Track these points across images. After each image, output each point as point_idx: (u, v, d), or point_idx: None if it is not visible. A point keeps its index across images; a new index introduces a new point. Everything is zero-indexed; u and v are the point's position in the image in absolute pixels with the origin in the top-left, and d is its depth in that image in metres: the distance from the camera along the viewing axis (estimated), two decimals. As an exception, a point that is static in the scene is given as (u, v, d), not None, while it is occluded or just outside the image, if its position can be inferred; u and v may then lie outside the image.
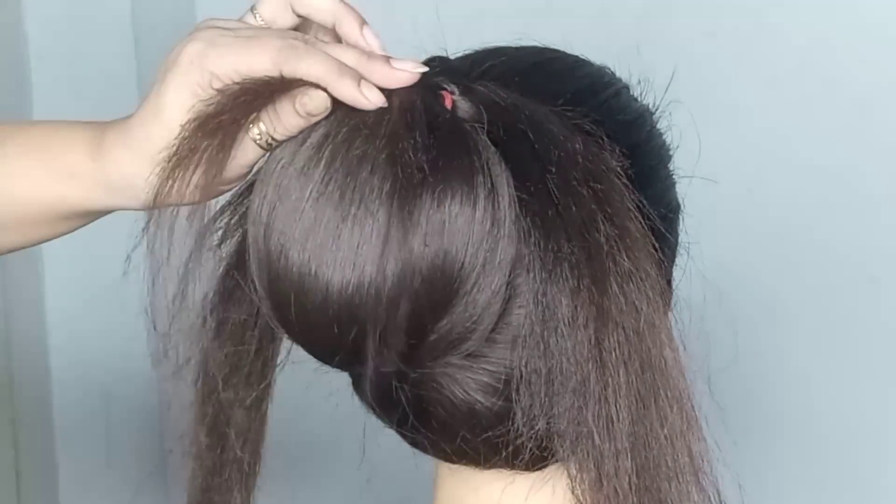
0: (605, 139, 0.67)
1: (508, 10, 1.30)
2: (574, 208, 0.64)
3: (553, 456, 0.67)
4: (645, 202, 0.67)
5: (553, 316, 0.63)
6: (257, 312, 0.71)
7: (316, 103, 0.66)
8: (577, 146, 0.66)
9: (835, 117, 1.32)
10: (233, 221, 0.72)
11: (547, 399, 0.64)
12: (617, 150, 0.67)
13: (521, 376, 0.65)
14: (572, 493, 0.66)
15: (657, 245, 0.67)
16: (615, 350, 0.64)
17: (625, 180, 0.66)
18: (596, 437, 0.64)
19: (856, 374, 1.38)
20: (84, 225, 0.77)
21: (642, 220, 0.66)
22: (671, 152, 0.75)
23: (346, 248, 0.64)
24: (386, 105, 0.66)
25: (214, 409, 0.73)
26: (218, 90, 0.67)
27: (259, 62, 0.67)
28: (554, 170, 0.64)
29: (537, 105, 0.67)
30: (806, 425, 1.41)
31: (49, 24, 1.44)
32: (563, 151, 0.65)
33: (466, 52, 0.73)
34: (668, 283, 0.73)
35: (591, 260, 0.63)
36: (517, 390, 0.65)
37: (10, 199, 0.75)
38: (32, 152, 0.74)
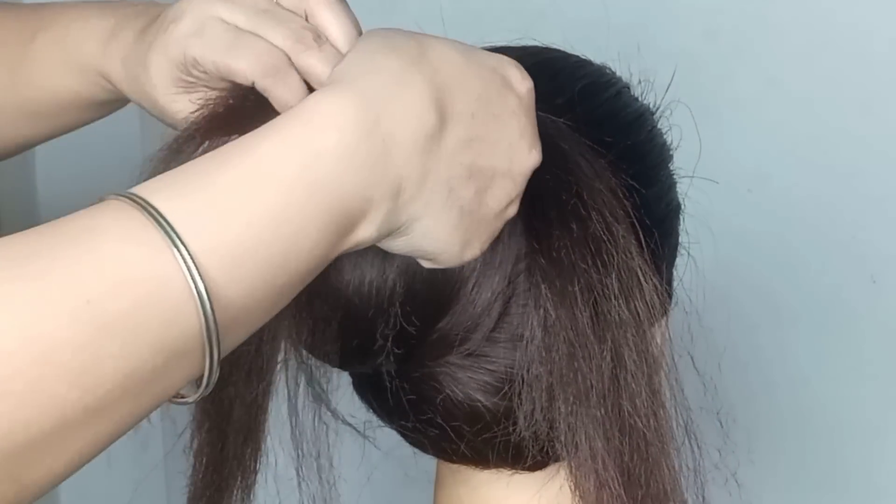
0: (602, 143, 0.67)
1: (509, 10, 1.30)
2: (575, 211, 0.64)
3: (553, 456, 0.67)
4: (642, 205, 0.67)
5: (554, 321, 0.63)
6: None
7: None
8: (578, 149, 0.66)
9: (835, 117, 1.32)
10: None
11: (548, 404, 0.64)
12: (611, 156, 0.67)
13: (523, 381, 0.65)
14: (572, 493, 0.66)
15: (657, 247, 0.67)
16: (615, 356, 0.64)
17: (622, 184, 0.66)
18: (596, 442, 0.64)
19: (855, 374, 1.38)
20: (119, 108, 0.78)
21: (639, 227, 0.66)
22: (671, 152, 0.75)
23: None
24: None
25: (215, 406, 0.74)
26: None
27: (239, 71, 0.63)
28: (556, 171, 0.64)
29: (537, 110, 0.67)
30: (805, 425, 1.41)
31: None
32: (564, 154, 0.65)
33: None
34: (669, 283, 0.73)
35: (593, 262, 0.63)
36: (519, 394, 0.65)
37: (41, 90, 0.76)
38: (53, 47, 0.75)
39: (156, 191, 0.50)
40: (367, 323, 0.65)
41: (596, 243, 0.63)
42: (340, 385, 0.74)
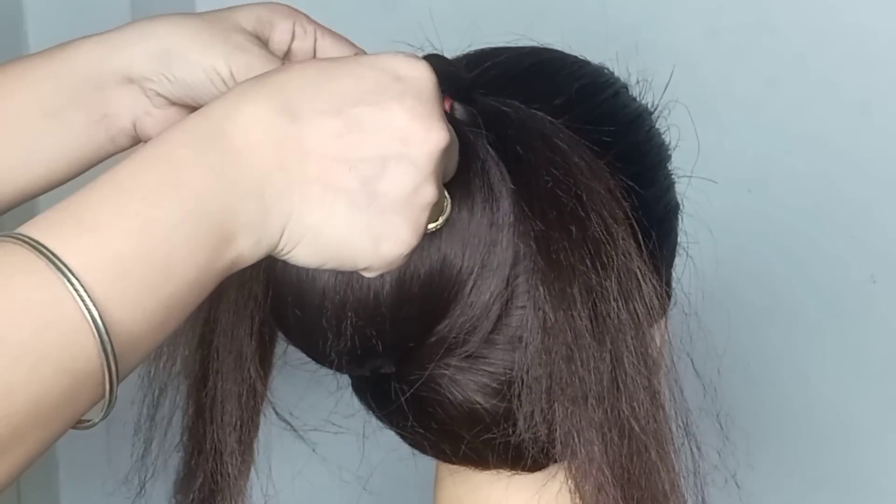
0: (600, 143, 0.67)
1: (508, 10, 1.30)
2: (574, 212, 0.64)
3: (553, 457, 0.67)
4: (641, 206, 0.67)
5: (553, 323, 0.63)
6: (256, 314, 0.71)
7: None
8: (577, 150, 0.66)
9: (835, 117, 1.32)
10: None
11: (547, 406, 0.64)
12: (610, 156, 0.67)
13: (523, 383, 0.65)
14: (571, 493, 0.66)
15: (655, 249, 0.67)
16: (614, 358, 0.64)
17: (620, 185, 0.66)
18: (595, 444, 0.64)
19: (855, 374, 1.38)
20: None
21: (638, 227, 0.66)
22: (670, 152, 0.75)
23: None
24: None
25: (210, 404, 0.74)
26: None
27: None
28: (555, 173, 0.64)
29: (535, 111, 0.67)
30: (805, 426, 1.41)
31: (49, 24, 1.44)
32: (563, 155, 0.65)
33: (466, 52, 0.73)
34: (667, 284, 0.73)
35: (592, 263, 0.63)
36: (518, 396, 0.65)
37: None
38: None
39: (33, 225, 0.53)
40: (366, 326, 0.64)
41: (595, 244, 0.63)
42: (340, 387, 0.74)
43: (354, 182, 0.57)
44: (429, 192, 0.58)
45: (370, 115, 0.57)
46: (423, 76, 0.59)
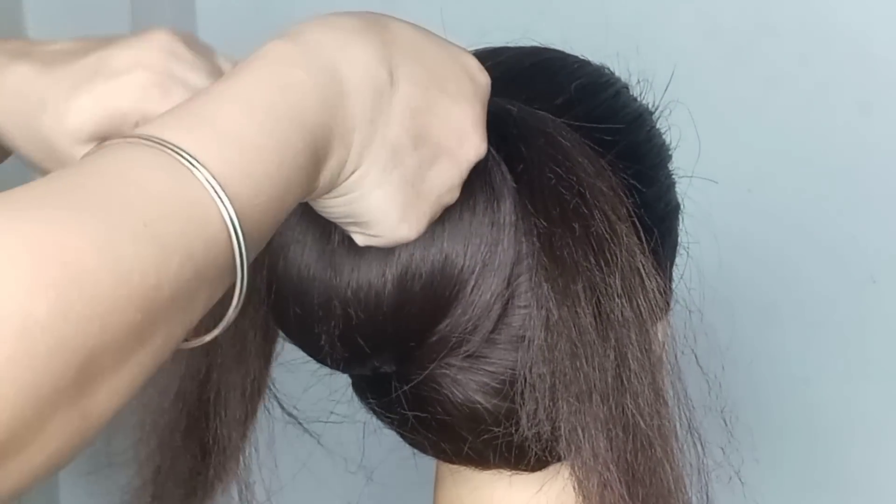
0: (601, 143, 0.67)
1: (508, 10, 1.30)
2: (577, 209, 0.64)
3: (555, 456, 0.67)
4: (641, 205, 0.67)
5: (557, 320, 0.63)
6: (259, 307, 0.71)
7: None
8: (578, 148, 0.66)
9: (835, 117, 1.32)
10: None
11: (551, 403, 0.64)
12: (611, 155, 0.67)
13: (526, 381, 0.65)
14: (575, 492, 0.66)
15: (658, 247, 0.67)
16: (618, 355, 0.64)
17: (623, 184, 0.66)
18: (599, 441, 0.64)
19: (856, 373, 1.38)
20: None
21: (640, 226, 0.66)
22: (671, 152, 0.75)
23: (345, 251, 0.64)
24: None
25: (213, 399, 0.74)
26: None
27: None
28: (558, 170, 0.64)
29: (537, 110, 0.67)
30: (806, 424, 1.41)
31: (49, 24, 1.44)
32: (565, 152, 0.65)
33: (466, 52, 0.73)
34: (668, 283, 0.73)
35: (596, 260, 0.63)
36: (521, 394, 0.65)
37: None
38: None
39: (161, 127, 0.51)
40: (366, 325, 0.65)
41: (598, 241, 0.63)
42: (340, 387, 0.74)
43: (414, 160, 0.58)
44: (454, 196, 0.61)
45: (444, 104, 0.59)
46: (488, 86, 0.61)
